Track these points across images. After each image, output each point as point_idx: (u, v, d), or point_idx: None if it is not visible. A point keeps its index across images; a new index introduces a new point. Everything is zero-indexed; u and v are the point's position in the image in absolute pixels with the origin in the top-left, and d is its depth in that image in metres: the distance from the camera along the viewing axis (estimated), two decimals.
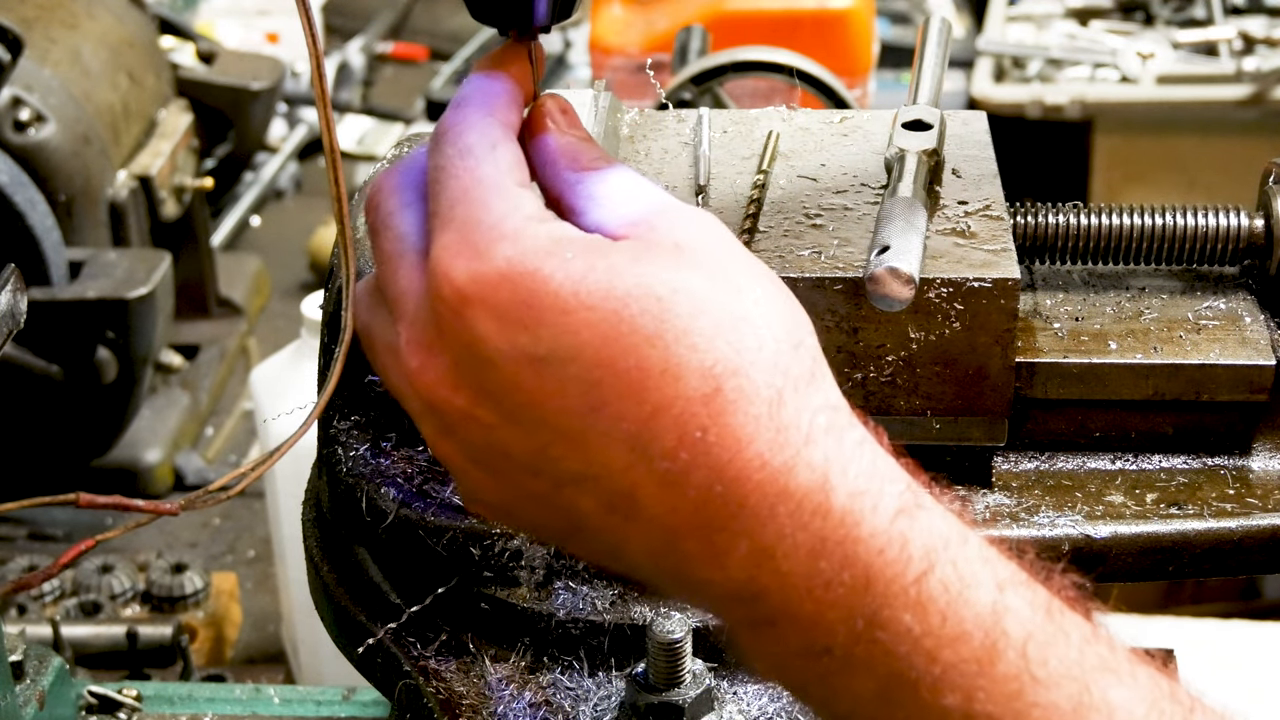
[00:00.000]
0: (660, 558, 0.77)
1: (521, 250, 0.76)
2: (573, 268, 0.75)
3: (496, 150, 0.81)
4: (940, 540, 0.74)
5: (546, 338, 0.75)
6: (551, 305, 0.75)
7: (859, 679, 0.74)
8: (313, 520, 1.14)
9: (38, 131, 2.23)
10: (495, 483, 0.80)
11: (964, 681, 0.72)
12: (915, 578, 0.72)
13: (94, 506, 0.91)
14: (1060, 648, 0.72)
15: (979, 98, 3.02)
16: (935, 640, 0.72)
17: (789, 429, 0.74)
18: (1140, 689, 0.73)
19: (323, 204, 3.09)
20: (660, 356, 0.74)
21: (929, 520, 0.74)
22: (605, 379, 0.74)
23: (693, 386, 0.73)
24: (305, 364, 1.76)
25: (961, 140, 1.15)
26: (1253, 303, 1.10)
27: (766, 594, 0.74)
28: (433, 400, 0.79)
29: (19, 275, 1.06)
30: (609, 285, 0.75)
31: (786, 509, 0.73)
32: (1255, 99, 2.93)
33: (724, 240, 0.79)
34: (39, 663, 1.28)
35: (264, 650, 2.05)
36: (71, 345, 2.15)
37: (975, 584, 0.73)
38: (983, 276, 0.99)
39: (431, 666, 1.01)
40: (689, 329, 0.74)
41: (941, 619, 0.72)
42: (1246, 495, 1.04)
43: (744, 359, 0.74)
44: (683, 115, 1.23)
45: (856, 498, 0.73)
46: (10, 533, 2.21)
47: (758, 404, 0.74)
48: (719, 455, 0.73)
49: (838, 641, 0.73)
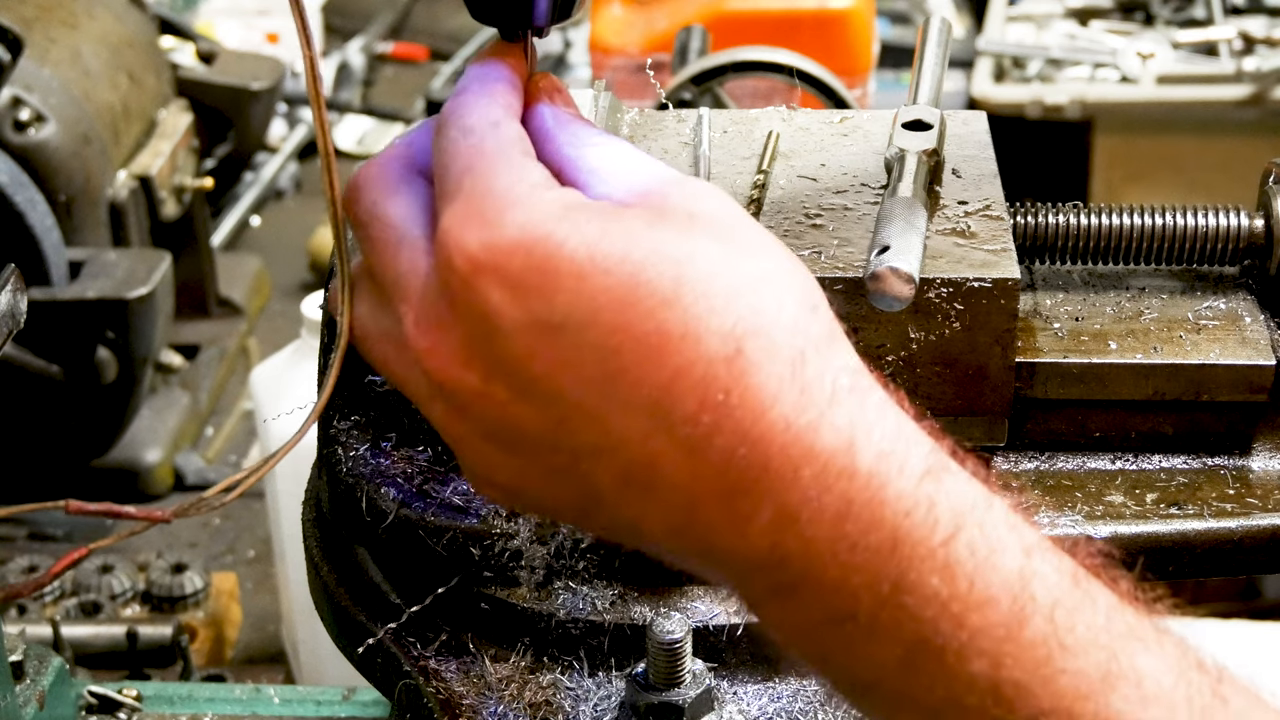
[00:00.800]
0: (679, 530, 0.75)
1: (533, 216, 0.75)
2: (587, 232, 0.74)
3: (499, 127, 0.80)
4: (967, 503, 0.72)
5: (562, 304, 0.73)
6: (567, 270, 0.73)
7: (883, 646, 0.72)
8: (313, 520, 1.14)
9: (38, 131, 2.23)
10: (509, 461, 0.78)
11: (991, 647, 0.70)
12: (942, 540, 0.71)
13: (83, 513, 0.90)
14: (1088, 614, 0.71)
15: (979, 98, 3.01)
16: (962, 604, 0.71)
17: (813, 389, 0.72)
18: (1168, 657, 0.72)
19: (323, 204, 3.08)
20: (679, 319, 0.72)
21: (955, 483, 0.73)
22: (624, 344, 0.73)
23: (714, 348, 0.72)
24: (305, 364, 1.76)
25: (961, 140, 1.15)
26: (1253, 303, 1.10)
27: (789, 560, 0.73)
28: (443, 380, 0.77)
29: (19, 275, 1.06)
30: (625, 249, 0.73)
31: (812, 470, 0.72)
32: (1255, 99, 2.92)
33: (734, 209, 0.78)
34: (39, 663, 1.28)
35: (264, 650, 2.05)
36: (71, 345, 2.14)
37: (1002, 548, 0.72)
38: (983, 276, 0.99)
39: (431, 666, 1.01)
40: (708, 291, 0.73)
41: (969, 583, 0.71)
42: (1246, 495, 1.04)
43: (765, 319, 0.73)
44: (683, 115, 1.23)
45: (883, 459, 0.72)
46: (10, 533, 2.21)
47: (780, 364, 0.72)
48: (742, 417, 0.72)
49: (862, 607, 0.72)
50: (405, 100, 3.57)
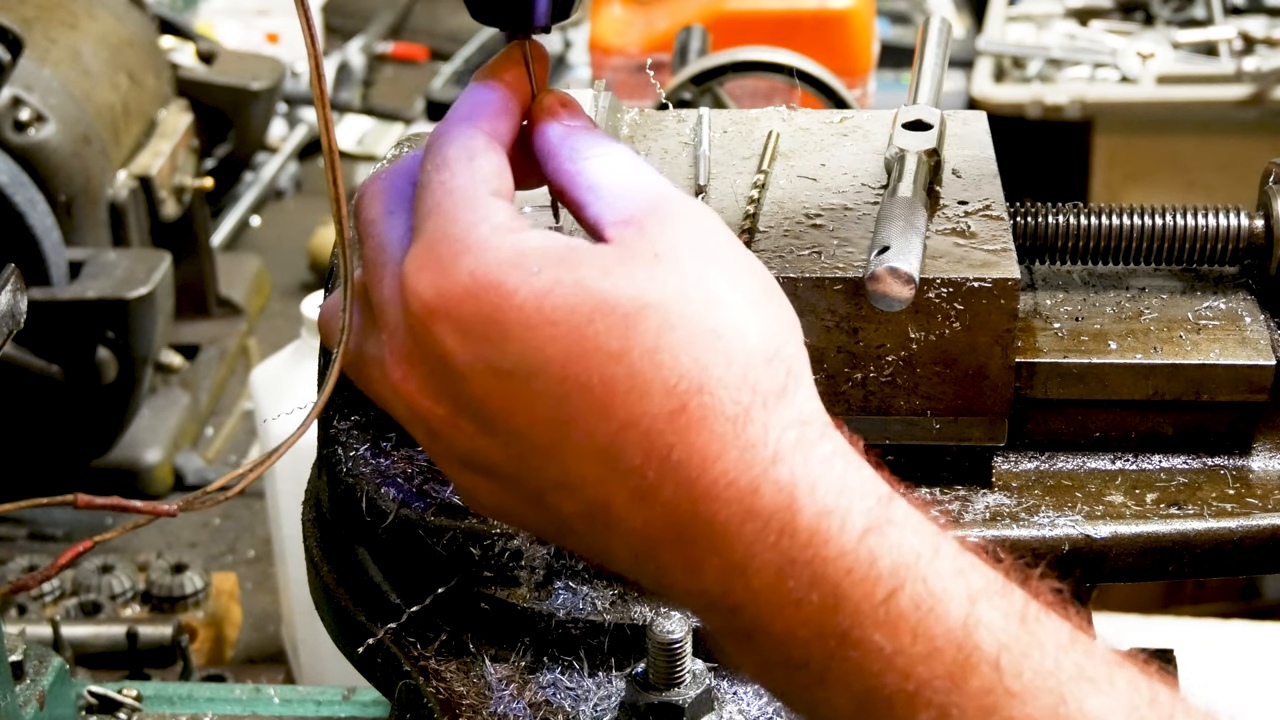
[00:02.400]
0: (641, 564, 0.77)
1: (485, 263, 0.76)
2: (537, 282, 0.75)
3: (474, 161, 0.81)
4: (911, 555, 0.73)
5: (512, 352, 0.74)
6: (515, 320, 0.75)
7: (835, 694, 0.74)
8: (313, 520, 1.14)
9: (38, 131, 2.23)
10: (487, 484, 0.80)
11: (938, 698, 0.71)
12: (884, 596, 0.72)
13: (92, 507, 0.91)
14: (1035, 658, 0.72)
15: (979, 98, 3.02)
16: (907, 658, 0.72)
17: (755, 447, 0.73)
18: (1119, 695, 0.72)
19: (323, 204, 3.09)
20: (626, 374, 0.73)
21: (899, 535, 0.74)
22: (572, 394, 0.74)
23: (657, 404, 0.73)
24: (305, 364, 1.76)
25: (961, 140, 1.15)
26: (1253, 303, 1.10)
27: (741, 608, 0.74)
28: (416, 410, 0.79)
29: (19, 275, 1.06)
30: (575, 301, 0.74)
31: (753, 528, 0.73)
32: (1255, 99, 2.92)
33: (710, 242, 0.78)
34: (39, 663, 1.28)
35: (264, 650, 2.05)
36: (71, 345, 2.14)
37: (946, 598, 0.73)
38: (983, 276, 0.99)
39: (431, 666, 1.01)
40: (655, 346, 0.74)
41: (912, 636, 0.72)
42: (1246, 495, 1.04)
43: (710, 375, 0.74)
44: (683, 115, 1.23)
45: (823, 517, 0.73)
46: (10, 533, 2.21)
47: (723, 422, 0.73)
48: (686, 472, 0.73)
49: (813, 658, 0.73)
50: (405, 100, 3.57)
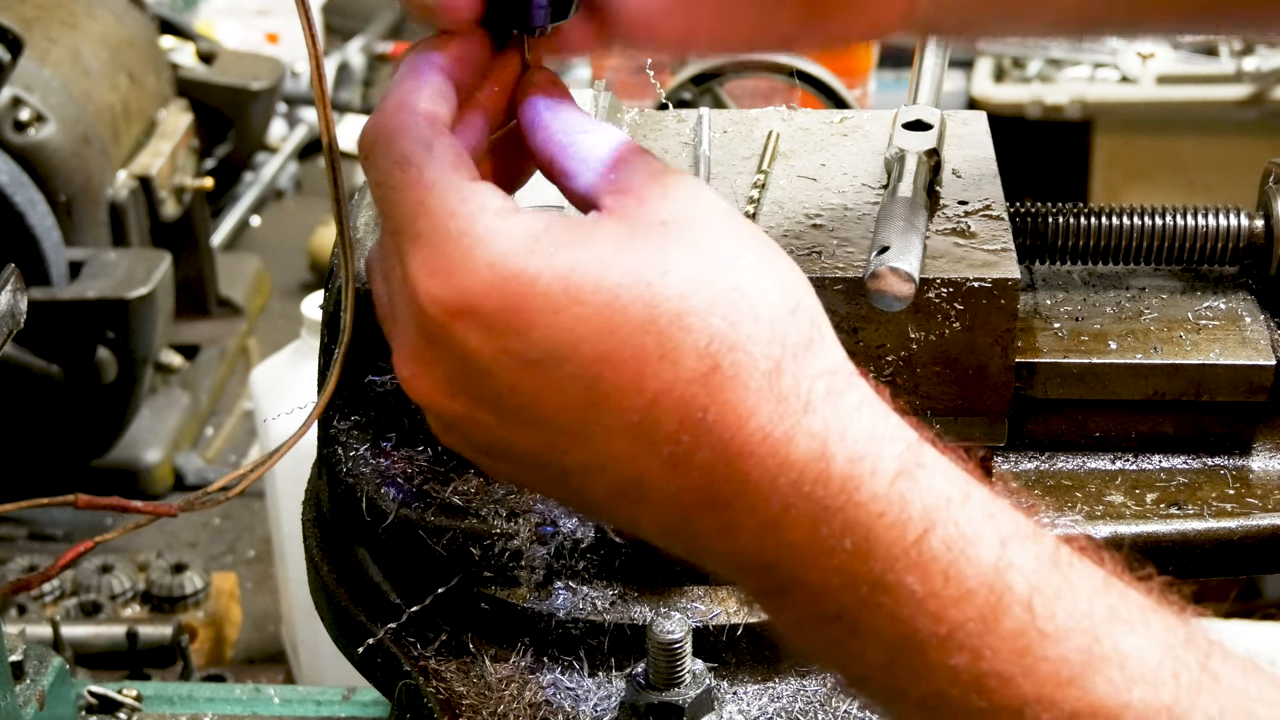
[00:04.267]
0: (674, 533, 0.77)
1: (500, 253, 0.74)
2: (558, 263, 0.74)
3: (433, 150, 0.78)
4: (941, 499, 0.73)
5: (540, 340, 0.74)
6: (542, 306, 0.74)
7: (869, 643, 0.73)
8: (313, 520, 1.14)
9: (38, 131, 2.23)
10: (506, 467, 0.80)
11: (970, 641, 0.71)
12: (915, 539, 0.72)
13: (93, 507, 0.91)
14: (1068, 600, 0.72)
15: (979, 98, 3.02)
16: (939, 601, 0.71)
17: (788, 398, 0.73)
18: (1154, 636, 0.72)
19: (323, 204, 3.09)
20: (655, 342, 0.73)
21: (929, 479, 0.73)
22: (604, 373, 0.73)
23: (690, 367, 0.73)
24: (305, 364, 1.76)
25: (961, 140, 1.15)
26: (1253, 303, 1.10)
27: (777, 564, 0.74)
28: (429, 405, 0.79)
29: (19, 275, 1.06)
30: (598, 277, 0.74)
31: (788, 479, 0.73)
32: (1255, 99, 2.93)
33: (711, 209, 0.78)
34: (39, 663, 1.28)
35: (264, 650, 2.05)
36: (71, 345, 2.14)
37: (978, 540, 0.72)
38: (983, 276, 0.99)
39: (431, 666, 1.01)
40: (682, 310, 0.73)
41: (944, 579, 0.71)
42: (1246, 495, 1.04)
43: (740, 333, 0.73)
44: (683, 115, 1.23)
45: (855, 463, 0.73)
46: (10, 533, 2.21)
47: (756, 377, 0.73)
48: (720, 433, 0.73)
49: (845, 607, 0.73)
50: None
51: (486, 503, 1.01)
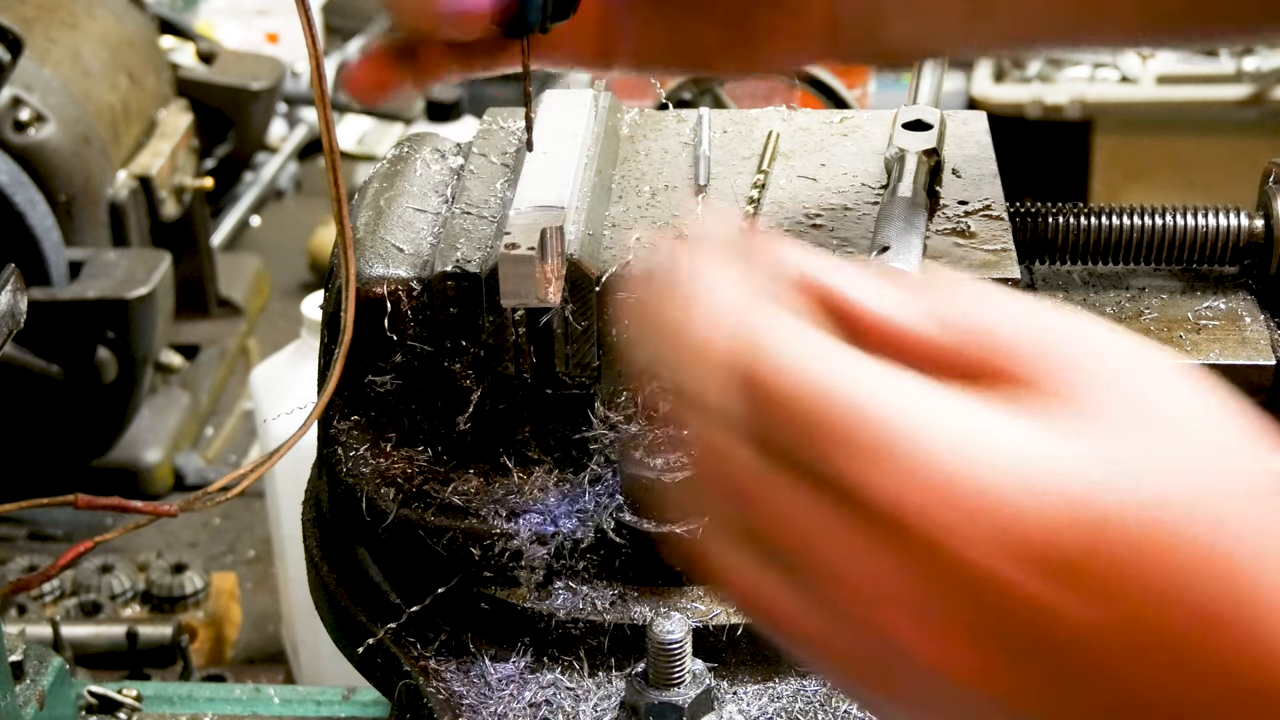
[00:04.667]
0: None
1: (1038, 478, 0.54)
2: (1135, 488, 0.54)
3: (806, 330, 0.59)
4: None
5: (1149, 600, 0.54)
6: (1133, 560, 0.54)
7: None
8: (313, 520, 1.14)
9: (38, 131, 2.23)
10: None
11: None
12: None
13: (93, 507, 0.91)
14: None
15: (979, 98, 3.02)
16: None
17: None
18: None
19: (323, 204, 3.09)
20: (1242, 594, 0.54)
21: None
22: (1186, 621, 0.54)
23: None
24: (305, 364, 1.76)
25: (961, 140, 1.15)
26: (1253, 303, 1.10)
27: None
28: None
29: (19, 275, 1.06)
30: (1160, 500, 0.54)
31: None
32: (1255, 99, 2.93)
33: (1156, 379, 0.60)
34: (39, 663, 1.28)
35: (264, 650, 2.05)
36: (71, 345, 2.14)
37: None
38: (983, 277, 0.99)
39: (431, 666, 1.01)
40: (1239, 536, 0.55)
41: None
42: None
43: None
44: (683, 115, 1.23)
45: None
46: (10, 533, 2.21)
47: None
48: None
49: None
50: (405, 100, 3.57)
51: (486, 503, 1.01)
